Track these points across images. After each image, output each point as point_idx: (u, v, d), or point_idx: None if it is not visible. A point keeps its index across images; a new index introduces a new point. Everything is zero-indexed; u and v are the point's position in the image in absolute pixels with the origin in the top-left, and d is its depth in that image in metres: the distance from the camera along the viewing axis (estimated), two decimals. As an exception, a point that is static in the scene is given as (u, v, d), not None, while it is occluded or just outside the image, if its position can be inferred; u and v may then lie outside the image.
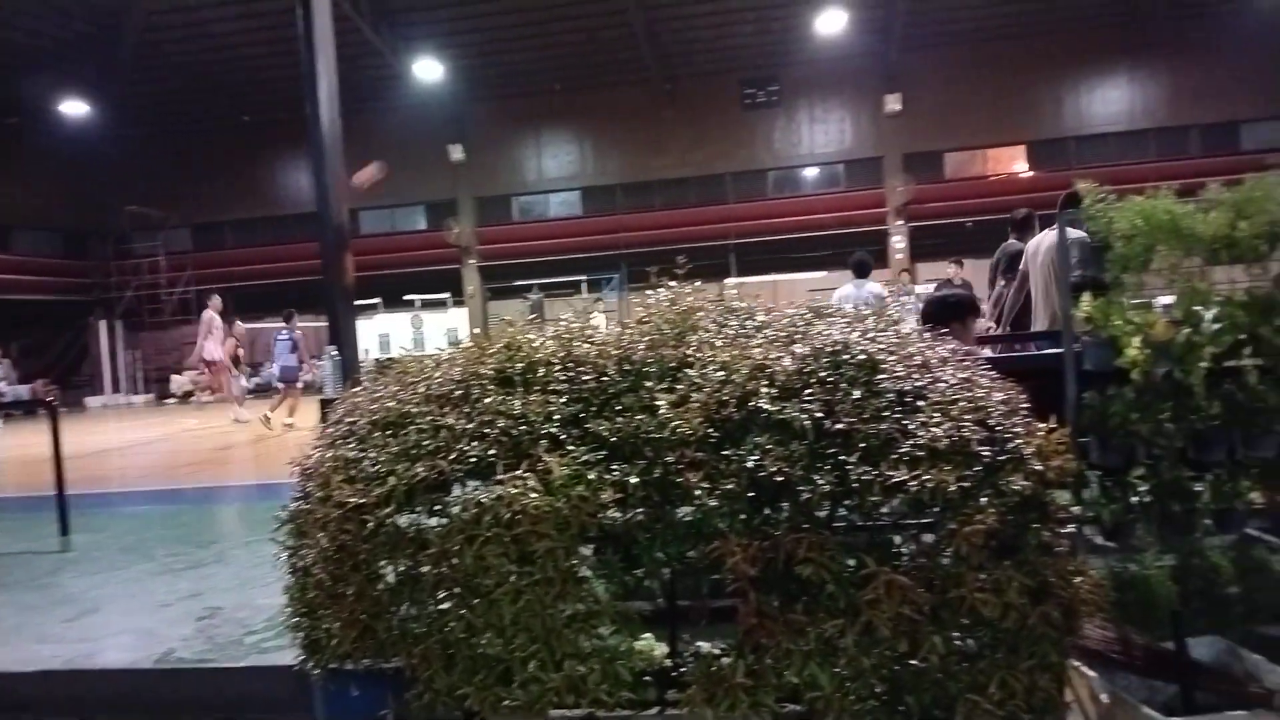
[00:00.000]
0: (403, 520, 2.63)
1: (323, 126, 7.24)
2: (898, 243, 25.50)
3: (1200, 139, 24.35)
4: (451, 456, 2.57)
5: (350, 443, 2.84)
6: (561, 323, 3.00)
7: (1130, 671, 2.98)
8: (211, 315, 16.17)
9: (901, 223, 25.51)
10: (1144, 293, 3.54)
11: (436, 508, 2.63)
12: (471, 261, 28.03)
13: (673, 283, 3.17)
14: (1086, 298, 3.47)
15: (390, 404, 2.85)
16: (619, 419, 2.53)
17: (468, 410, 2.67)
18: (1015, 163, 25.98)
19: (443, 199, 28.03)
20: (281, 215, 28.04)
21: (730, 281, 21.66)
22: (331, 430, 3.00)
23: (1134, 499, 3.27)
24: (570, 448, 2.47)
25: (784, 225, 26.00)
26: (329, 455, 2.85)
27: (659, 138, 26.67)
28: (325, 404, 5.17)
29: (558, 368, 2.71)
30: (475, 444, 2.56)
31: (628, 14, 22.60)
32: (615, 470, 2.42)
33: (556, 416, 2.56)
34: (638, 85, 26.00)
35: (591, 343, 2.83)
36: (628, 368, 2.71)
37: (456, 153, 27.33)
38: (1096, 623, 2.83)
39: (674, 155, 26.68)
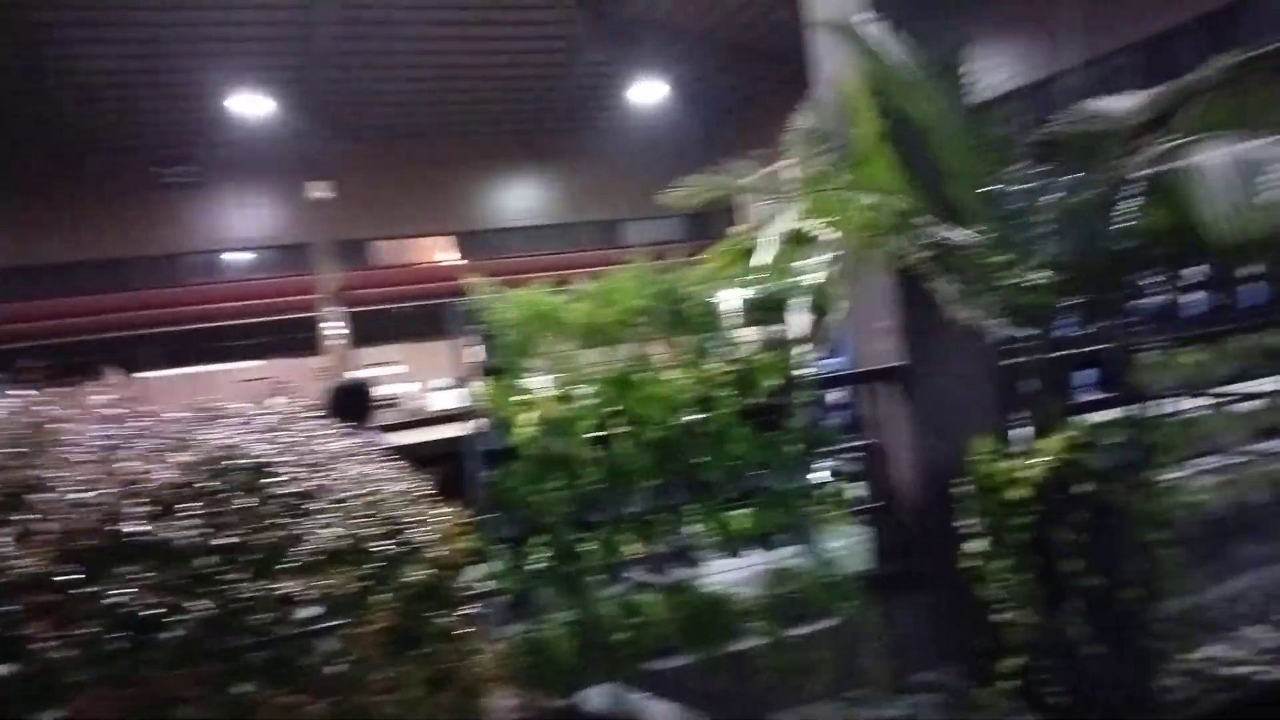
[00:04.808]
0: None
1: None
2: (335, 327, 25.27)
3: (595, 233, 28.34)
4: None
5: None
6: None
7: (540, 735, 3.18)
8: None
9: (337, 307, 25.36)
10: (534, 374, 3.94)
11: None
12: None
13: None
14: (485, 383, 3.75)
15: None
16: (-69, 568, 2.02)
17: None
18: (444, 251, 27.57)
19: None
20: None
21: (151, 375, 19.35)
22: None
23: (534, 566, 3.56)
24: None
25: (210, 312, 24.16)
26: None
27: (49, 216, 23.03)
28: None
29: None
30: None
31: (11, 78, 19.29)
32: (-77, 635, 1.92)
33: None
34: (20, 155, 22.26)
35: (-108, 473, 2.23)
36: (-52, 501, 2.19)
37: None
38: (504, 693, 2.97)
39: (66, 237, 23.22)
